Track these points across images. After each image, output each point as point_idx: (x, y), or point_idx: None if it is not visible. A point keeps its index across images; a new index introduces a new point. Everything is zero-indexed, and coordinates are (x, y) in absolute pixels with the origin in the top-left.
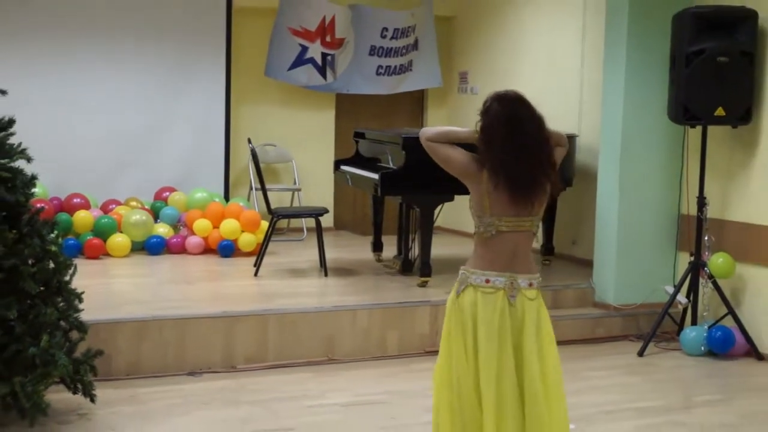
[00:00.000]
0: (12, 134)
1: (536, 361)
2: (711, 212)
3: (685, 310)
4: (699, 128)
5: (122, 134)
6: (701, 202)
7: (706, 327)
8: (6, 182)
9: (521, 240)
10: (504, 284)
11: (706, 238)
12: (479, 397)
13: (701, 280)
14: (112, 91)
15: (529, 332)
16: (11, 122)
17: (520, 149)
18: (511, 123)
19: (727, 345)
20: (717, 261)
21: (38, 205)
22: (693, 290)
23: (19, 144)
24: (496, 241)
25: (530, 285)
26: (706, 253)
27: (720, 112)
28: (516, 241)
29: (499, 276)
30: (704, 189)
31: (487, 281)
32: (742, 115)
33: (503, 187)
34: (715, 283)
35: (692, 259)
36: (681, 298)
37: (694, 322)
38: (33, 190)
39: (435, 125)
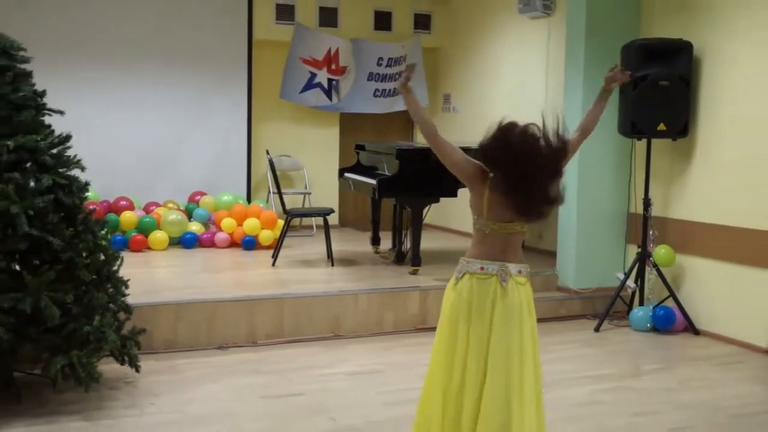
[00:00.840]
0: (69, 147)
1: (515, 341)
2: (655, 211)
3: (633, 293)
4: (644, 141)
5: (160, 147)
6: (646, 202)
7: (651, 307)
8: (64, 188)
9: (512, 237)
10: (497, 271)
11: (650, 232)
12: (463, 372)
13: (647, 268)
14: (152, 111)
15: (512, 315)
16: (68, 137)
17: (527, 185)
18: (528, 159)
19: (668, 322)
20: (660, 252)
21: (91, 207)
22: (640, 277)
23: (75, 155)
24: (490, 236)
25: (519, 272)
26: (651, 245)
27: (662, 127)
28: (508, 238)
29: (492, 264)
30: (649, 191)
31: (482, 269)
32: (680, 130)
33: (504, 205)
34: (658, 271)
35: (639, 250)
36: (630, 283)
37: (641, 303)
38: (86, 194)
39: (422, 141)
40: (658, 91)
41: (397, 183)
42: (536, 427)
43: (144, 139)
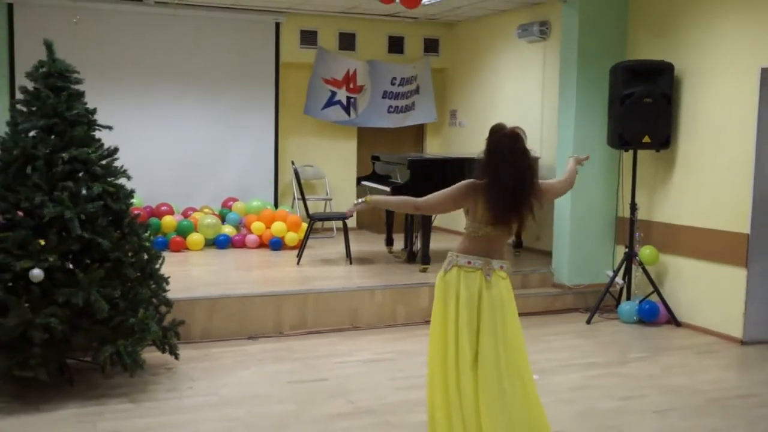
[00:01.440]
0: (116, 159)
1: (500, 326)
2: (640, 215)
3: (621, 289)
4: (631, 152)
5: (197, 158)
6: (633, 207)
7: (637, 302)
8: (112, 195)
9: (499, 237)
10: (481, 266)
11: (636, 234)
12: (457, 353)
13: (633, 267)
14: (190, 126)
15: (496, 304)
16: (116, 150)
17: (509, 193)
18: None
19: (653, 315)
20: (645, 252)
21: (135, 212)
22: (627, 274)
23: (122, 166)
24: (479, 236)
25: (501, 267)
26: (637, 245)
27: (646, 139)
28: (494, 237)
29: (478, 259)
30: (635, 197)
31: (469, 263)
32: (663, 142)
33: (490, 215)
34: (643, 269)
35: (627, 250)
36: (618, 279)
37: (628, 298)
38: (131, 200)
39: (431, 152)
40: (642, 107)
41: (409, 190)
42: (522, 393)
43: (183, 151)
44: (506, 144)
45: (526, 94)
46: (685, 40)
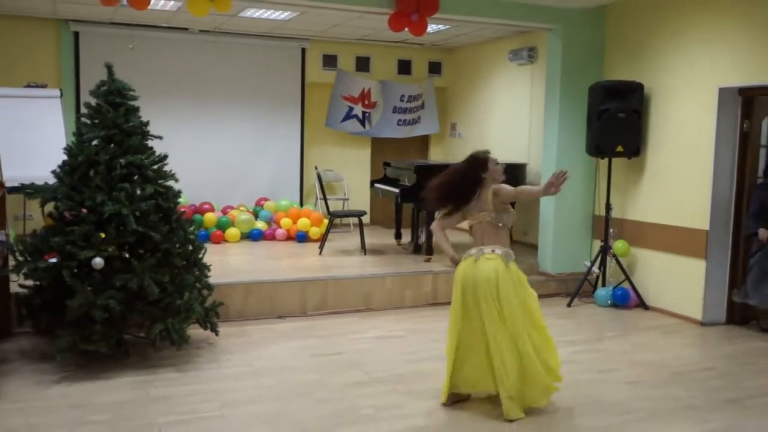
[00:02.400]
0: (166, 164)
1: (491, 302)
2: (614, 214)
3: (597, 277)
4: (606, 160)
5: (235, 163)
6: (608, 206)
7: (611, 288)
8: (162, 195)
9: (486, 228)
10: (474, 253)
11: (611, 230)
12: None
13: (608, 258)
14: (228, 136)
15: (484, 280)
16: (165, 156)
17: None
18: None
19: (624, 300)
20: (618, 245)
21: (182, 210)
22: (602, 264)
23: (170, 170)
24: (475, 230)
25: (492, 251)
26: (611, 240)
27: (620, 149)
28: (483, 230)
29: (473, 249)
30: (610, 198)
31: (470, 254)
32: (634, 151)
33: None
34: (617, 260)
35: (602, 244)
36: (595, 269)
37: (603, 285)
38: (178, 199)
39: (434, 159)
40: (616, 121)
41: (415, 191)
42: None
43: (222, 158)
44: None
45: (516, 109)
46: (654, 64)
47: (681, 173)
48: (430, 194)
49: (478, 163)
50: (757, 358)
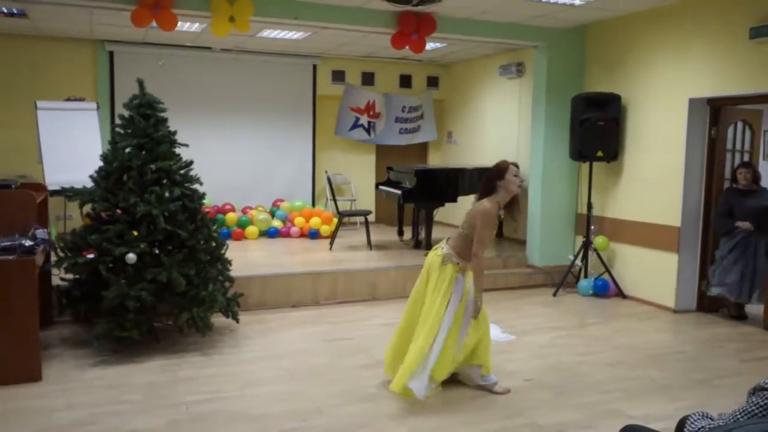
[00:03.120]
0: (191, 169)
1: (430, 292)
2: (595, 212)
3: (580, 269)
4: (588, 163)
5: (254, 168)
6: (589, 205)
7: (592, 279)
8: (188, 197)
9: (455, 233)
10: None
11: (592, 227)
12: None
13: (589, 252)
14: (248, 143)
15: (429, 272)
16: (191, 162)
17: None
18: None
19: (604, 290)
20: (599, 240)
21: (206, 210)
22: (584, 257)
23: (196, 175)
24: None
25: (442, 249)
26: (592, 235)
27: (600, 153)
28: (461, 235)
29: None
30: (591, 198)
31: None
32: (612, 156)
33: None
34: (597, 254)
35: (584, 239)
36: (578, 262)
37: (585, 276)
38: (203, 201)
39: (432, 163)
40: (597, 129)
41: (415, 193)
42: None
43: (242, 163)
44: None
45: (506, 118)
46: (630, 77)
47: (655, 175)
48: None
49: (498, 170)
50: (724, 343)
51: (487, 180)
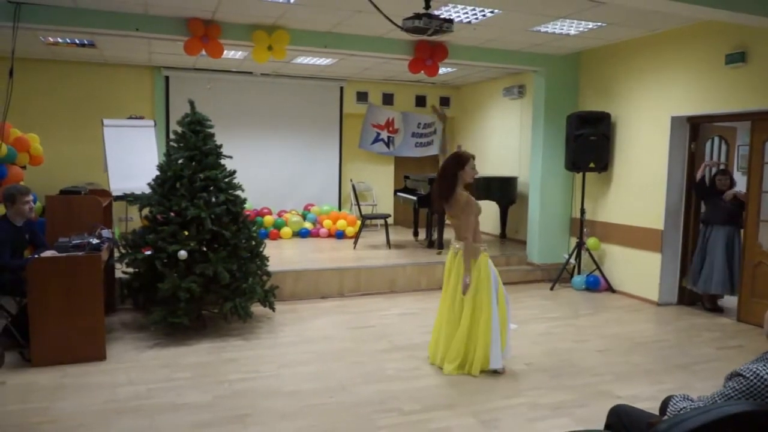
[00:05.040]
0: (235, 178)
1: (455, 288)
2: (587, 216)
3: (573, 266)
4: (581, 174)
5: (288, 177)
6: (582, 210)
7: (585, 275)
8: (232, 202)
9: (457, 227)
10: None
11: (585, 229)
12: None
13: (582, 251)
14: (282, 156)
15: (453, 271)
16: (234, 172)
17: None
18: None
19: (596, 285)
20: (590, 241)
21: (246, 213)
22: (578, 256)
23: (238, 182)
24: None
25: (457, 246)
26: (585, 237)
27: (592, 165)
28: (456, 227)
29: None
30: (584, 204)
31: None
32: (603, 167)
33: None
34: (589, 253)
35: (578, 240)
36: (572, 260)
37: (578, 273)
38: (244, 205)
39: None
40: (589, 143)
41: (429, 198)
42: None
43: (278, 172)
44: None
45: (508, 134)
46: (618, 97)
47: (640, 184)
48: (432, 195)
49: (459, 159)
50: (702, 332)
51: (449, 170)
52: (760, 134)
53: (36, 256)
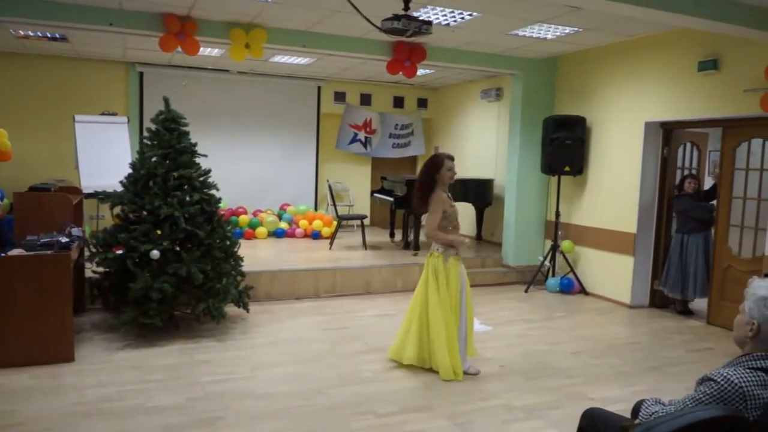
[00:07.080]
0: (209, 176)
1: (431, 293)
2: (562, 219)
3: (548, 269)
4: (556, 177)
5: (264, 176)
6: (557, 213)
7: (559, 278)
8: (206, 201)
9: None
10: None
11: (559, 232)
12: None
13: (556, 254)
14: (259, 155)
15: (429, 275)
16: (209, 171)
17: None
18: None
19: (570, 287)
20: (565, 244)
21: (221, 212)
22: (552, 259)
23: (213, 181)
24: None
25: (437, 249)
26: (559, 239)
27: (567, 168)
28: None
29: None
30: (559, 207)
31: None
32: (578, 171)
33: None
34: (564, 255)
35: (552, 242)
36: (546, 262)
37: (553, 275)
38: (219, 204)
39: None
40: (565, 146)
41: (406, 200)
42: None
43: (254, 172)
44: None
45: (486, 136)
46: (594, 102)
47: (615, 188)
48: (414, 197)
49: (434, 162)
50: (673, 335)
51: (425, 174)
52: (731, 140)
53: (2, 254)
